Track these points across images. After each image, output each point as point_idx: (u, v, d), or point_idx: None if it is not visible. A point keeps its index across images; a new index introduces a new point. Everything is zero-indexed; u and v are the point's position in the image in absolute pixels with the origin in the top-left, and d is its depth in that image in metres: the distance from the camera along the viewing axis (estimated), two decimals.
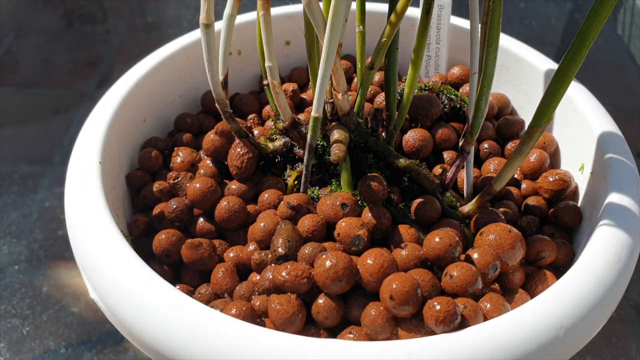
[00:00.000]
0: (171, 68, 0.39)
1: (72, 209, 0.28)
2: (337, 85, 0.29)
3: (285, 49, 0.45)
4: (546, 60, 0.39)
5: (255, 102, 0.40)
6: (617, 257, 0.26)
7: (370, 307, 0.25)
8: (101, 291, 0.25)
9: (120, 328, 0.25)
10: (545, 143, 0.36)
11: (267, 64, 0.30)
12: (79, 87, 0.67)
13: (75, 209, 0.28)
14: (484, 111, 0.29)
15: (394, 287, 0.24)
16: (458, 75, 0.41)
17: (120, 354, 0.42)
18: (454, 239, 0.27)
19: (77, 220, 0.28)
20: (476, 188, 0.34)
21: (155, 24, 0.80)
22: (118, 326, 0.25)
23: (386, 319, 0.24)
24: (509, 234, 0.27)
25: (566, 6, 0.82)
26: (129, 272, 0.25)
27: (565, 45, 0.39)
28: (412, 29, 0.36)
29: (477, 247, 0.27)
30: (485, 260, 0.27)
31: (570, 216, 0.32)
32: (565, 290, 0.24)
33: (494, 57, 0.27)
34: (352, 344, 0.22)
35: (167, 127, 0.40)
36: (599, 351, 0.37)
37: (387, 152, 0.32)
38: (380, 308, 0.24)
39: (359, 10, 0.31)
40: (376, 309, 0.24)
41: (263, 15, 0.29)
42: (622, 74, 0.70)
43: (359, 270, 0.25)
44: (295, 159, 0.34)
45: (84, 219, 0.28)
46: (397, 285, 0.24)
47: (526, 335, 0.22)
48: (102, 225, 0.27)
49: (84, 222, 0.28)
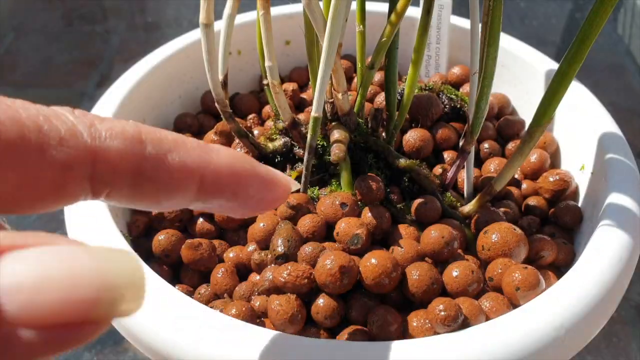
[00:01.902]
0: (171, 68, 0.39)
1: (71, 208, 0.28)
2: (337, 85, 0.29)
3: (285, 49, 0.45)
4: (546, 60, 0.39)
5: (255, 102, 0.40)
6: (618, 257, 0.26)
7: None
8: None
9: (120, 328, 0.25)
10: (545, 143, 0.36)
11: (267, 64, 0.30)
12: (79, 86, 0.67)
13: (74, 209, 0.28)
14: (484, 111, 0.29)
15: (519, 278, 0.26)
16: (458, 75, 0.41)
17: (120, 354, 0.42)
18: (449, 232, 0.27)
19: (76, 220, 0.28)
20: (476, 188, 0.34)
21: (155, 23, 0.80)
22: (117, 326, 0.25)
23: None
24: (514, 232, 0.27)
25: (567, 6, 0.82)
26: None
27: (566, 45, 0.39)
28: (412, 29, 0.36)
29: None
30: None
31: (571, 216, 0.32)
32: (565, 290, 0.24)
33: (495, 57, 0.27)
34: (352, 344, 0.22)
35: (166, 127, 0.40)
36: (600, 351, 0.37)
37: (387, 152, 0.32)
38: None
39: (359, 10, 0.31)
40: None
41: (263, 15, 0.29)
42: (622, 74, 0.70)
43: (359, 270, 0.25)
44: (295, 159, 0.34)
45: (83, 219, 0.28)
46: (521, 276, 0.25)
47: (526, 335, 0.22)
48: (102, 225, 0.27)
49: (84, 222, 0.28)
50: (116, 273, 0.12)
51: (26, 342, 0.11)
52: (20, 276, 0.11)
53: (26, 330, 0.11)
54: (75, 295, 0.11)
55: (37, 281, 0.11)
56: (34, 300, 0.11)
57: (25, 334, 0.11)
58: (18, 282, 0.11)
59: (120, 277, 0.12)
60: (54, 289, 0.11)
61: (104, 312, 0.12)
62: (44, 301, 0.11)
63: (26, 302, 0.11)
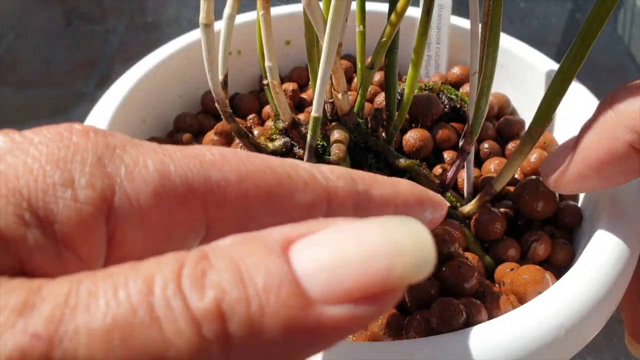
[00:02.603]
0: (171, 68, 0.39)
1: None
2: (337, 85, 0.29)
3: (285, 49, 0.45)
4: (546, 60, 0.39)
5: (255, 102, 0.40)
6: (617, 257, 0.26)
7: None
8: None
9: None
10: (545, 143, 0.36)
11: (267, 64, 0.30)
12: (79, 86, 0.67)
13: None
14: (484, 111, 0.29)
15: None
16: (458, 75, 0.41)
17: None
18: (450, 233, 0.27)
19: None
20: (476, 188, 0.34)
21: (155, 23, 0.80)
22: None
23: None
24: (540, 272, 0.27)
25: (567, 6, 0.82)
26: None
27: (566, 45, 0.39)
28: (412, 29, 0.36)
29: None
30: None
31: (571, 216, 0.32)
32: (565, 290, 0.24)
33: (495, 57, 0.27)
34: (352, 345, 0.22)
35: (166, 127, 0.40)
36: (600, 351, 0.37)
37: (387, 152, 0.32)
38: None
39: (359, 10, 0.31)
40: None
41: (263, 15, 0.29)
42: (622, 74, 0.70)
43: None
44: (295, 159, 0.34)
45: None
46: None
47: (526, 335, 0.22)
48: None
49: None
50: (403, 239, 0.12)
51: (335, 320, 0.12)
52: (318, 259, 0.12)
53: (332, 307, 0.12)
54: (371, 266, 0.12)
55: (334, 260, 0.12)
56: (336, 278, 0.12)
57: (333, 311, 0.12)
58: (318, 265, 0.12)
59: (407, 243, 0.12)
60: (351, 264, 0.12)
61: (398, 278, 0.12)
62: (345, 277, 0.12)
63: (329, 281, 0.12)
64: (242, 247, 0.12)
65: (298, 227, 0.13)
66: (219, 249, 0.12)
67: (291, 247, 0.12)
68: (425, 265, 0.12)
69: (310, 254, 0.12)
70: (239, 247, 0.12)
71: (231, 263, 0.12)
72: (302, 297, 0.12)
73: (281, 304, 0.11)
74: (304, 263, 0.12)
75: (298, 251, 0.12)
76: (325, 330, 0.12)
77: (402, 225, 0.13)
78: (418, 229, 0.13)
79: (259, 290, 0.11)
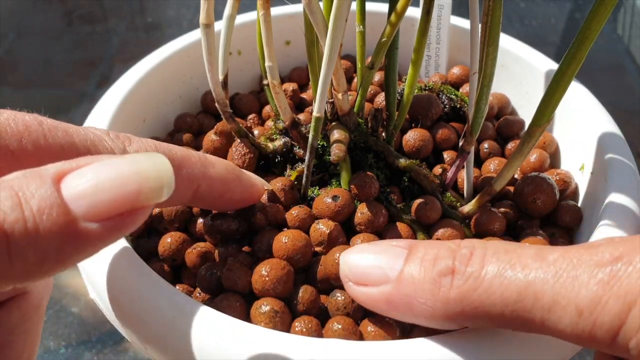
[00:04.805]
0: (171, 68, 0.39)
1: None
2: (337, 85, 0.29)
3: (285, 49, 0.45)
4: (546, 60, 0.39)
5: (255, 102, 0.40)
6: None
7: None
8: (101, 291, 0.25)
9: (120, 328, 0.25)
10: (545, 143, 0.36)
11: (267, 64, 0.30)
12: (79, 87, 0.67)
13: None
14: (484, 111, 0.29)
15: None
16: (458, 75, 0.41)
17: (120, 354, 0.42)
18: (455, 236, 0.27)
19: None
20: (476, 188, 0.34)
21: (155, 24, 0.80)
22: (118, 327, 0.25)
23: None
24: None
25: (566, 6, 0.82)
26: (129, 272, 0.25)
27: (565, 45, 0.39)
28: (412, 29, 0.36)
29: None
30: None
31: (571, 216, 0.32)
32: None
33: (494, 57, 0.27)
34: (356, 344, 0.22)
35: (167, 127, 0.40)
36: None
37: (387, 152, 0.32)
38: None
39: (359, 10, 0.31)
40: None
41: (263, 15, 0.29)
42: (622, 74, 0.70)
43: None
44: (295, 159, 0.34)
45: None
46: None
47: (525, 334, 0.22)
48: None
49: None
50: (148, 169, 0.17)
51: (96, 232, 0.16)
52: (81, 187, 0.16)
53: (92, 223, 0.16)
54: (123, 190, 0.16)
55: (94, 187, 0.16)
56: (94, 200, 0.16)
57: (92, 226, 0.16)
58: (82, 191, 0.16)
59: (151, 171, 0.17)
60: (107, 190, 0.16)
61: (145, 199, 0.16)
62: (102, 200, 0.16)
63: (89, 203, 0.16)
64: (22, 179, 0.15)
65: (70, 163, 0.16)
66: (3, 181, 0.15)
67: (64, 179, 0.16)
68: (166, 189, 0.17)
69: (76, 183, 0.16)
70: (20, 180, 0.15)
71: (11, 191, 0.15)
72: (69, 215, 0.15)
73: (52, 222, 0.15)
74: (71, 189, 0.16)
75: (68, 181, 0.16)
76: (89, 240, 0.16)
77: (148, 158, 0.17)
78: (161, 161, 0.17)
79: (34, 211, 0.15)
